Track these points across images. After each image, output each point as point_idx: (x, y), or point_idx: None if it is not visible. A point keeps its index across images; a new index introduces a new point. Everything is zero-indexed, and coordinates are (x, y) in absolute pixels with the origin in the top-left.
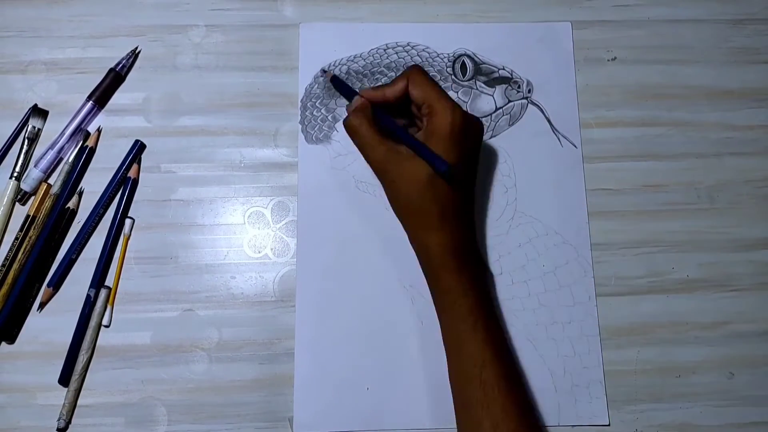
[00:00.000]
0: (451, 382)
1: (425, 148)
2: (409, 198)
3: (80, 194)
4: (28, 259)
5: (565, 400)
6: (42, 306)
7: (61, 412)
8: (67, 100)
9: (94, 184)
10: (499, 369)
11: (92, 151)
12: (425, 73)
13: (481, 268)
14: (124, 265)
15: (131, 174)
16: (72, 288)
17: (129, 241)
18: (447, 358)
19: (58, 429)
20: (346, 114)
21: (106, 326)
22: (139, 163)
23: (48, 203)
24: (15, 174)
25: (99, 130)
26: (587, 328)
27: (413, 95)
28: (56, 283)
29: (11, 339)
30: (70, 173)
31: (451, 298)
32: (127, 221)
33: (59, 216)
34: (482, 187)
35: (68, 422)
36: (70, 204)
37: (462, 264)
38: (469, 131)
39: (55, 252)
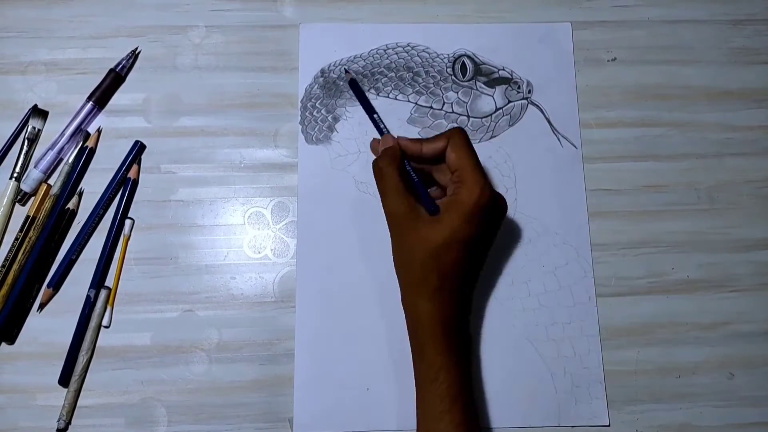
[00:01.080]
0: None
1: (427, 197)
2: (412, 260)
3: (80, 195)
4: (27, 260)
5: (565, 401)
6: (42, 306)
7: (61, 412)
8: (67, 101)
9: (94, 184)
10: None
11: (92, 151)
12: (467, 139)
13: (467, 342)
14: (124, 266)
15: (131, 174)
16: (72, 288)
17: (129, 242)
18: (417, 428)
19: (57, 430)
20: (371, 149)
21: (106, 327)
22: (139, 164)
23: (48, 204)
24: (15, 174)
25: (99, 131)
26: (587, 329)
27: (449, 158)
28: (56, 284)
29: (11, 340)
30: (69, 174)
31: (432, 373)
32: (127, 222)
33: (59, 216)
34: None
35: (68, 423)
36: (70, 204)
37: (449, 339)
38: (493, 211)
39: (55, 252)
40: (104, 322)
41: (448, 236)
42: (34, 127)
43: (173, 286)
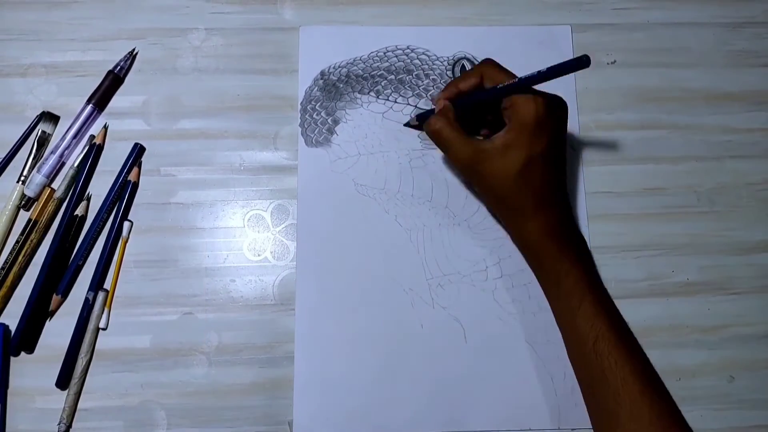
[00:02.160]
0: (570, 361)
1: (547, 70)
2: (502, 192)
3: (88, 199)
4: (28, 262)
5: (565, 404)
6: (51, 314)
7: (61, 416)
8: (67, 103)
9: (95, 187)
10: (611, 341)
11: (100, 148)
12: (498, 65)
13: (583, 245)
14: (122, 268)
15: (131, 177)
16: (71, 291)
17: (128, 245)
18: (563, 338)
19: None
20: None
21: (103, 329)
22: (139, 167)
23: (51, 207)
24: (22, 178)
25: (105, 127)
26: None
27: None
28: (64, 291)
29: (31, 349)
30: (75, 177)
31: (554, 280)
32: (126, 224)
33: (69, 222)
34: None
35: (69, 426)
36: (79, 210)
37: (562, 245)
38: (555, 112)
39: (68, 260)
40: (101, 324)
41: (526, 156)
42: (44, 131)
43: (173, 289)
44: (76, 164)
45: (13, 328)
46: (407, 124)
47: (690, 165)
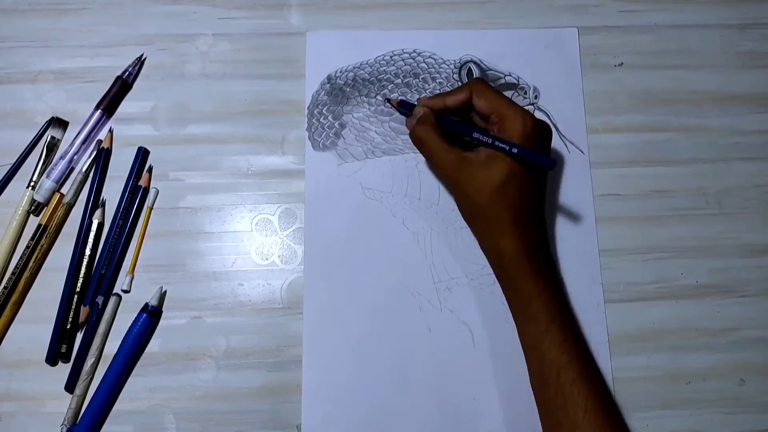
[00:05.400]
0: (531, 386)
1: (523, 148)
2: (480, 204)
3: (103, 205)
4: (39, 267)
5: None
6: (81, 326)
7: (64, 417)
8: (75, 109)
9: (104, 192)
10: (575, 370)
11: (109, 152)
12: (489, 84)
13: (555, 270)
14: (135, 272)
15: (142, 183)
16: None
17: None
18: (526, 362)
19: None
20: (408, 128)
21: (126, 291)
22: (150, 171)
23: (60, 212)
24: (32, 184)
25: (111, 131)
26: (596, 335)
27: (479, 106)
28: (91, 302)
29: (68, 359)
30: (83, 182)
31: (524, 300)
32: (151, 191)
33: (88, 230)
34: None
35: (70, 429)
36: (97, 217)
37: (535, 266)
38: (542, 135)
39: (91, 268)
40: (124, 287)
41: (507, 171)
42: (53, 137)
43: (181, 293)
44: (84, 169)
45: (42, 335)
46: (387, 100)
47: (698, 167)
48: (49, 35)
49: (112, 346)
